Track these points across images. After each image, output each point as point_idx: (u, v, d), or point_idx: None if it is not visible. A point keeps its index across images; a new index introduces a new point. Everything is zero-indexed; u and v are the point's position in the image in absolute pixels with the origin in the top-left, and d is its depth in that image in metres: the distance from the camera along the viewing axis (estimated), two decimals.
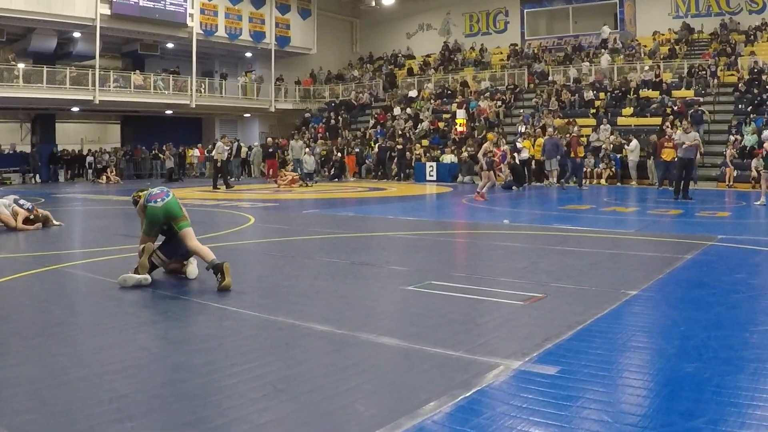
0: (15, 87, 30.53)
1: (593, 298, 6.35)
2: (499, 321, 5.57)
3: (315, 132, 38.24)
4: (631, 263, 8.61)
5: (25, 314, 6.03)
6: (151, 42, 36.75)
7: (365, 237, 11.60)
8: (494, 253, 9.84)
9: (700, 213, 15.06)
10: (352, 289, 7.17)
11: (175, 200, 7.98)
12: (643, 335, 5.22)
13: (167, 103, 36.80)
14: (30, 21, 30.49)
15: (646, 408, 3.69)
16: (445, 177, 29.64)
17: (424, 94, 38.26)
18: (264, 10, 39.72)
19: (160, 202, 7.85)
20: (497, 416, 3.59)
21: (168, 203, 7.87)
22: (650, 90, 30.71)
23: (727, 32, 33.36)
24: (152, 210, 7.83)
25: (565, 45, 38.29)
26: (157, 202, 7.85)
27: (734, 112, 27.59)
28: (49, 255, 9.38)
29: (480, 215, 15.84)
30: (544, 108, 31.96)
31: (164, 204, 7.85)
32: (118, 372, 4.31)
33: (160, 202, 7.85)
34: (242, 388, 4.02)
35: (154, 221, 7.87)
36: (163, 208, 7.83)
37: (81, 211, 16.76)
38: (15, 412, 3.67)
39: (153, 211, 7.84)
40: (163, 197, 7.90)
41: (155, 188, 8.16)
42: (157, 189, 8.09)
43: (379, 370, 4.40)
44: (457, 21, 43.75)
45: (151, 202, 7.87)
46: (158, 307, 6.35)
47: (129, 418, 3.57)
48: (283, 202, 19.92)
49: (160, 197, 7.89)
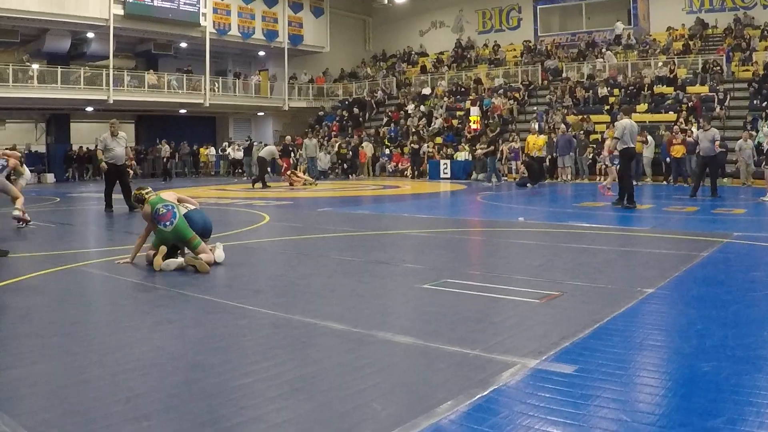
0: (29, 87, 30.75)
1: (609, 296, 6.32)
2: (515, 319, 5.55)
3: (329, 130, 38.27)
4: (646, 261, 8.57)
5: (41, 313, 6.05)
6: (165, 42, 36.92)
7: (380, 235, 11.59)
8: (510, 251, 9.82)
9: (715, 210, 14.97)
10: (368, 287, 7.16)
11: (182, 220, 8.33)
12: (660, 334, 5.19)
13: (181, 103, 36.97)
14: (43, 22, 30.70)
15: (663, 407, 3.66)
16: (459, 174, 29.62)
17: (437, 92, 38.21)
18: (277, 9, 39.81)
19: (169, 226, 8.20)
20: (514, 415, 3.57)
21: (176, 227, 8.22)
22: (665, 86, 30.57)
23: (742, 27, 33.14)
24: (161, 233, 8.20)
25: (578, 41, 38.15)
26: (166, 226, 8.19)
27: (749, 108, 27.42)
28: (65, 254, 9.42)
29: (495, 213, 15.82)
30: (558, 105, 31.88)
31: (173, 228, 8.19)
32: (134, 371, 4.32)
33: (169, 226, 8.20)
34: (259, 387, 4.02)
35: (164, 242, 8.22)
36: (172, 232, 8.20)
37: (96, 210, 16.81)
38: (32, 410, 3.68)
39: (162, 235, 8.21)
40: (171, 219, 8.23)
41: (158, 201, 8.43)
42: (161, 205, 8.33)
43: (395, 369, 4.39)
44: (469, 18, 43.68)
45: (160, 224, 8.21)
46: (174, 305, 6.36)
47: (146, 417, 3.57)
48: (297, 201, 19.95)
49: (167, 219, 8.21)
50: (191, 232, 8.22)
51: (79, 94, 32.16)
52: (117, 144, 16.22)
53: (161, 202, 8.36)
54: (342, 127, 38.69)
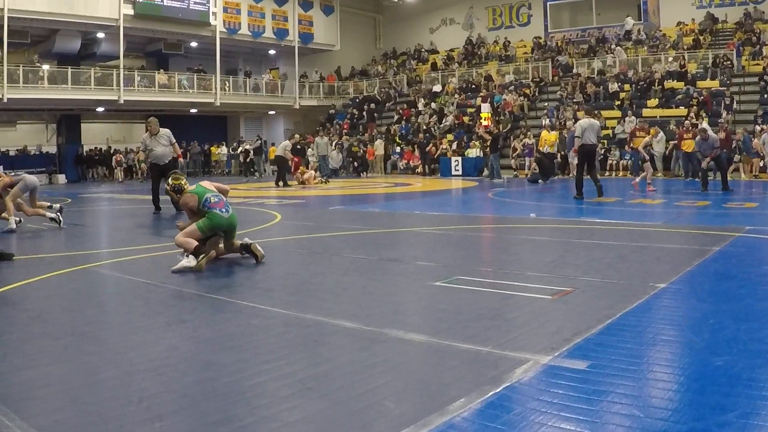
0: (40, 88, 30.88)
1: (622, 292, 6.30)
2: (527, 316, 5.54)
3: (340, 128, 38.30)
4: (658, 256, 8.54)
5: (54, 314, 6.08)
6: (175, 41, 37.03)
7: (392, 233, 11.60)
8: (521, 248, 9.81)
9: (726, 204, 14.92)
10: (380, 285, 7.16)
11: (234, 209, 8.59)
12: (673, 329, 5.17)
13: (192, 102, 37.03)
14: (53, 22, 30.84)
15: (676, 402, 3.64)
16: (470, 171, 29.60)
17: (448, 89, 38.19)
18: (287, 7, 39.86)
19: (225, 214, 8.39)
20: (527, 412, 3.57)
21: (233, 216, 8.48)
22: (675, 81, 30.48)
23: (752, 21, 33.01)
24: (218, 219, 8.33)
25: (588, 37, 38.07)
26: (223, 212, 8.37)
27: (760, 102, 27.29)
28: (77, 255, 9.46)
29: (506, 209, 15.80)
30: (569, 100, 31.81)
31: (230, 216, 8.43)
32: (147, 371, 4.33)
33: (226, 214, 8.39)
34: (271, 386, 4.03)
35: (216, 227, 8.38)
36: (228, 220, 8.42)
37: (108, 210, 16.88)
38: (46, 411, 3.70)
39: (218, 220, 8.33)
40: (226, 206, 8.44)
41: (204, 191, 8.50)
42: (210, 194, 8.47)
43: (408, 367, 4.39)
44: (480, 15, 43.67)
45: (215, 209, 8.32)
46: (186, 305, 6.38)
47: (159, 417, 3.58)
48: (308, 199, 19.97)
49: (222, 206, 8.40)
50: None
51: (90, 94, 32.29)
52: (157, 143, 15.54)
53: (208, 192, 8.48)
54: (353, 125, 38.71)
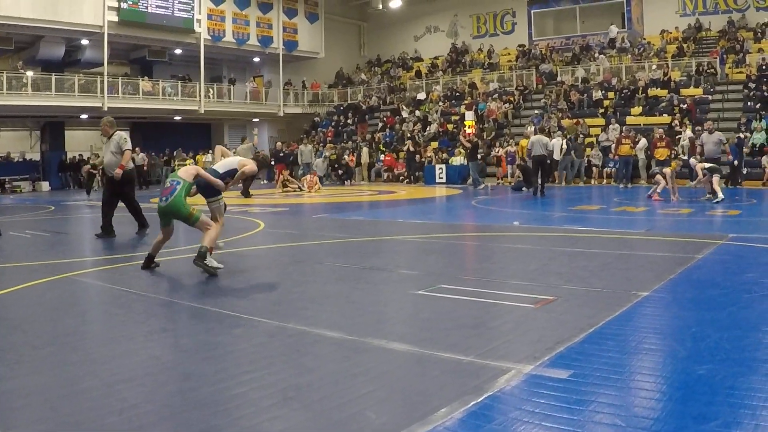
0: (24, 95, 30.72)
1: (604, 300, 6.31)
2: (510, 325, 5.55)
3: (324, 136, 38.29)
4: (641, 264, 8.57)
5: (35, 323, 6.03)
6: (159, 48, 36.96)
7: (375, 241, 11.59)
8: (504, 256, 9.82)
9: (710, 211, 15.00)
10: (363, 294, 7.15)
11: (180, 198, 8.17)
12: (655, 337, 5.19)
13: (176, 109, 36.91)
14: (38, 29, 30.68)
15: (659, 411, 3.65)
16: (454, 179, 29.65)
17: (432, 97, 38.25)
18: (271, 15, 39.81)
19: (163, 202, 8.24)
20: (509, 422, 3.57)
21: (169, 204, 8.18)
22: (659, 89, 30.67)
23: (735, 29, 33.26)
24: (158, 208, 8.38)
25: (572, 45, 38.26)
26: (161, 201, 8.27)
27: (743, 110, 27.49)
28: (58, 263, 9.39)
29: (490, 217, 15.82)
30: (553, 108, 31.94)
31: (166, 204, 8.20)
32: (128, 381, 4.30)
33: (163, 202, 8.24)
34: (253, 396, 4.01)
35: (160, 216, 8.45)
36: (161, 208, 8.29)
37: (90, 218, 16.77)
38: (27, 422, 3.67)
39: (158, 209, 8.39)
40: (168, 195, 8.20)
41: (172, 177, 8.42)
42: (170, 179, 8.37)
43: (390, 377, 4.38)
44: (464, 23, 43.79)
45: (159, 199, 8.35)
46: (168, 315, 6.35)
47: (140, 427, 3.56)
48: (292, 207, 19.91)
49: (166, 194, 8.22)
50: (188, 209, 8.14)
51: (74, 101, 32.11)
52: (107, 149, 12.64)
53: (172, 178, 8.34)
54: (337, 132, 38.71)
